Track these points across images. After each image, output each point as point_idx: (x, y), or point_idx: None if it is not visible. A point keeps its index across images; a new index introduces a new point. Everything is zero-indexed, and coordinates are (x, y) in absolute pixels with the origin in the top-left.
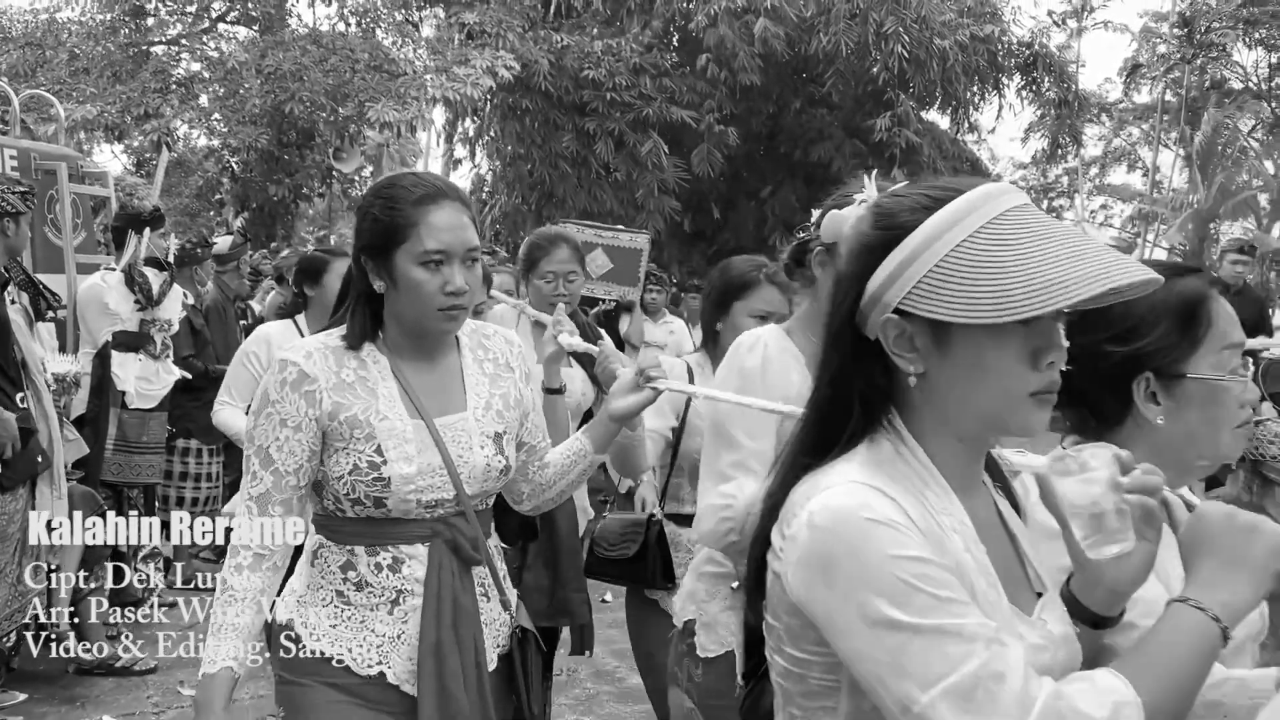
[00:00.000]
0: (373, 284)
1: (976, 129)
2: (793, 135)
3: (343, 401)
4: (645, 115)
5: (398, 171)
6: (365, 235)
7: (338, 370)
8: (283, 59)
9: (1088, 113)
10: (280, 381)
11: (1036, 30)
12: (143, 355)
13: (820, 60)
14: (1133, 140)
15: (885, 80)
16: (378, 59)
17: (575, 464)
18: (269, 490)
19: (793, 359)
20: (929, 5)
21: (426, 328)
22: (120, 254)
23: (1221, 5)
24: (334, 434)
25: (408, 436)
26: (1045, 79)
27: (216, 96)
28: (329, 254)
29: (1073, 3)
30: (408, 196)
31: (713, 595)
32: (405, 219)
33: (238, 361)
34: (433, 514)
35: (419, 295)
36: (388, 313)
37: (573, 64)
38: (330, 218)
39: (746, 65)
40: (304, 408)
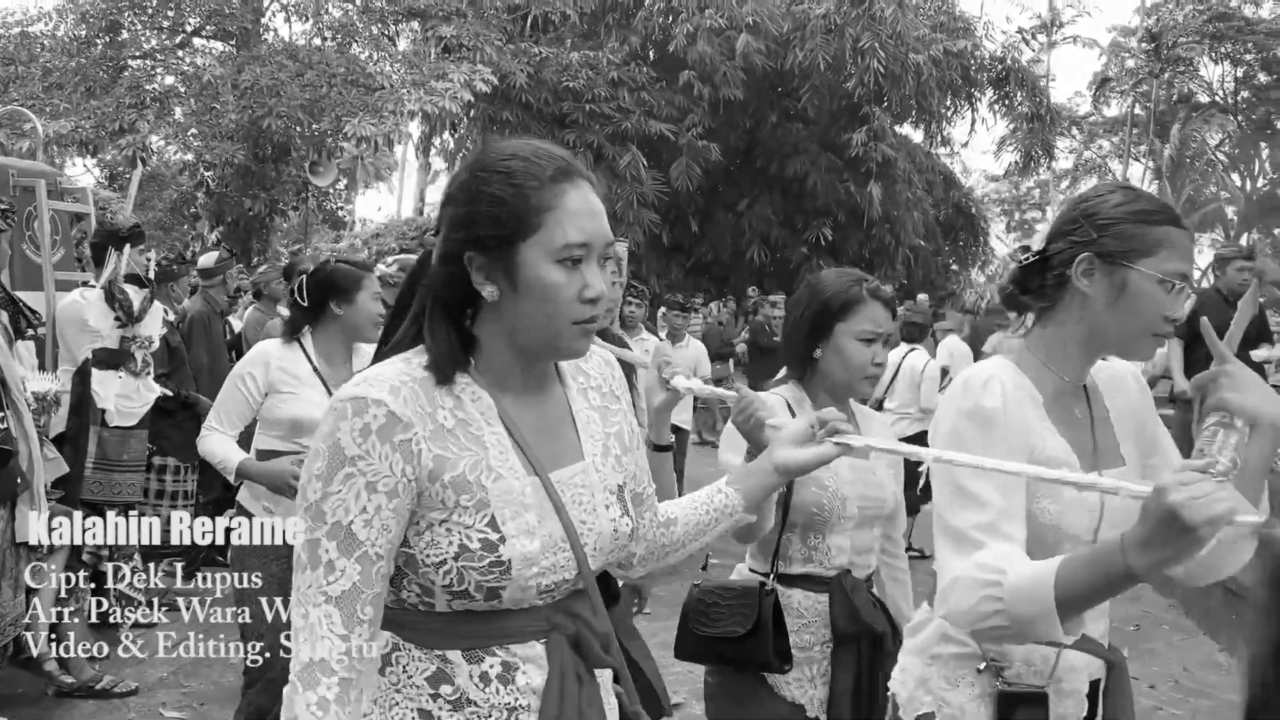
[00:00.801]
0: (480, 289)
1: (949, 143)
2: (769, 149)
3: (445, 455)
4: (624, 129)
5: (503, 140)
6: (482, 222)
7: (432, 411)
8: (259, 74)
9: (1059, 126)
10: (361, 429)
11: (1008, 45)
12: (123, 373)
13: (796, 75)
14: (1103, 153)
15: (861, 95)
16: (354, 73)
17: (715, 522)
18: (356, 586)
19: (1029, 399)
20: (904, 21)
21: (554, 347)
22: (100, 271)
23: (1188, 21)
24: (431, 501)
25: (526, 501)
26: (1018, 93)
27: (192, 111)
28: (360, 267)
29: (1042, 18)
30: (538, 171)
31: (955, 682)
32: (539, 201)
33: (231, 384)
34: (548, 599)
35: (551, 303)
36: (489, 329)
37: (551, 76)
38: (305, 232)
39: (730, 80)
40: (399, 465)
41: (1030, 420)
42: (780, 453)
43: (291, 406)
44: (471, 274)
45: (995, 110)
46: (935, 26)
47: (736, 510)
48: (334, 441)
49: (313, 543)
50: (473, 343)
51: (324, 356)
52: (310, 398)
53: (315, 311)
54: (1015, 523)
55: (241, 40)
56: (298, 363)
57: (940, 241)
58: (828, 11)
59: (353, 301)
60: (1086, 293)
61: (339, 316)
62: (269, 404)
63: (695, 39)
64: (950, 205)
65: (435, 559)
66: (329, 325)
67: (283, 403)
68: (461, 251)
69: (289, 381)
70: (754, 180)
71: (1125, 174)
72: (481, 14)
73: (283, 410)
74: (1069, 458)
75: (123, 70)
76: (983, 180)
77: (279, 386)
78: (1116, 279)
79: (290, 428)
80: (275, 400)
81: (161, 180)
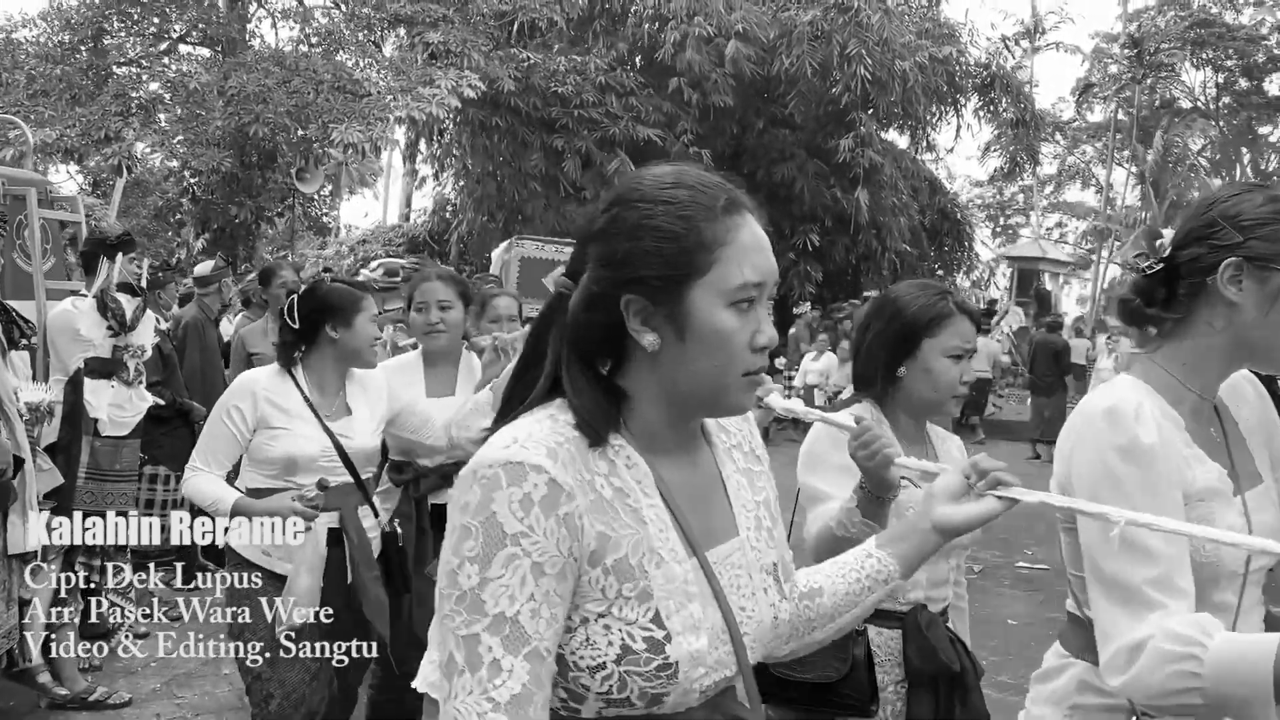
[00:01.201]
0: (638, 336)
1: (934, 148)
2: (756, 155)
3: (607, 533)
4: (612, 134)
5: (657, 166)
6: (645, 260)
7: (590, 479)
8: (246, 80)
9: (1043, 132)
10: (521, 501)
11: (992, 51)
12: (116, 382)
13: (783, 82)
14: (1086, 158)
15: (848, 101)
16: (341, 80)
17: (868, 591)
18: (527, 688)
19: (1173, 424)
20: (890, 28)
21: (719, 402)
22: (91, 279)
23: (1170, 27)
24: (589, 590)
25: (690, 590)
26: (1002, 99)
27: (178, 118)
28: (358, 287)
29: (1025, 24)
30: (709, 201)
31: None
32: (711, 236)
33: (216, 420)
34: (704, 698)
35: (723, 351)
36: (642, 382)
37: (540, 81)
38: (291, 239)
39: (720, 87)
40: (565, 542)
41: (1178, 448)
42: (939, 510)
43: (284, 443)
44: (628, 320)
45: (980, 116)
46: (921, 33)
47: (893, 577)
48: (489, 516)
49: (470, 639)
50: (619, 397)
51: (315, 385)
52: (304, 432)
53: (307, 335)
54: (1186, 573)
55: (227, 47)
56: (288, 393)
57: (926, 247)
58: (814, 18)
59: (350, 325)
60: (1235, 301)
61: (334, 341)
62: (259, 440)
63: (684, 46)
64: (936, 210)
65: (592, 662)
66: (323, 350)
67: (274, 439)
68: (617, 294)
69: (279, 415)
70: (741, 186)
71: (1109, 179)
72: (469, 20)
73: (275, 448)
74: (1223, 485)
75: (108, 77)
76: (967, 185)
77: (269, 421)
78: (1271, 285)
79: (284, 466)
80: (265, 436)
81: (145, 187)
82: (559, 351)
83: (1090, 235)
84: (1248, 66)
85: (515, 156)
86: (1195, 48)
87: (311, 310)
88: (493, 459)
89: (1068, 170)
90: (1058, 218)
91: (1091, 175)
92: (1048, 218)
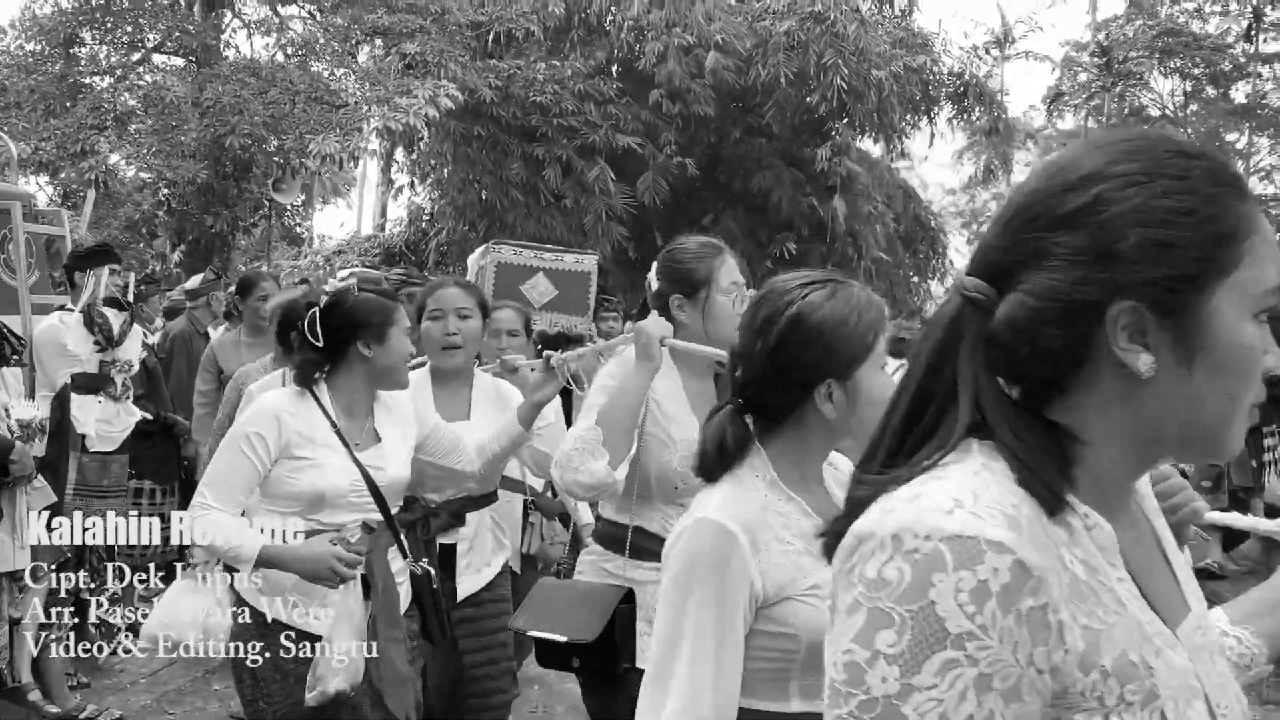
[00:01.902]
0: (1128, 359)
1: (908, 156)
2: (732, 165)
3: (1094, 626)
4: (592, 142)
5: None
6: (1167, 255)
7: (1060, 556)
8: (222, 91)
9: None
10: (974, 592)
11: (965, 60)
12: (103, 397)
13: (759, 91)
14: None
15: (825, 110)
16: (318, 90)
17: None
18: None
19: None
20: (866, 37)
21: (1217, 446)
22: (76, 294)
23: (1139, 36)
24: (1079, 699)
25: (1194, 685)
26: (976, 108)
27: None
28: (388, 296)
29: (995, 33)
30: (1224, 175)
31: None
32: (1238, 221)
33: (231, 450)
34: None
35: (1245, 378)
36: (1103, 420)
37: (519, 90)
38: (268, 249)
39: (700, 98)
40: (1026, 648)
41: None
42: None
43: (310, 476)
44: (1112, 336)
45: (954, 125)
46: (895, 43)
47: (1257, 662)
48: (925, 605)
49: None
50: (1063, 439)
51: (343, 409)
52: (332, 463)
53: (333, 353)
54: None
55: (202, 56)
56: (312, 419)
57: (901, 254)
58: (790, 29)
59: (383, 340)
60: None
61: (366, 359)
62: (279, 472)
63: (666, 58)
64: (910, 218)
65: None
66: (352, 370)
67: (297, 471)
68: (1105, 302)
69: (304, 444)
70: (718, 195)
71: None
72: (445, 30)
73: (298, 481)
74: None
75: (81, 88)
76: (940, 193)
77: (293, 450)
78: None
79: (309, 502)
80: (288, 468)
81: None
82: (974, 378)
83: None
84: (1214, 75)
85: (496, 165)
86: (1163, 56)
87: (339, 325)
88: (930, 528)
89: None
90: None
91: None
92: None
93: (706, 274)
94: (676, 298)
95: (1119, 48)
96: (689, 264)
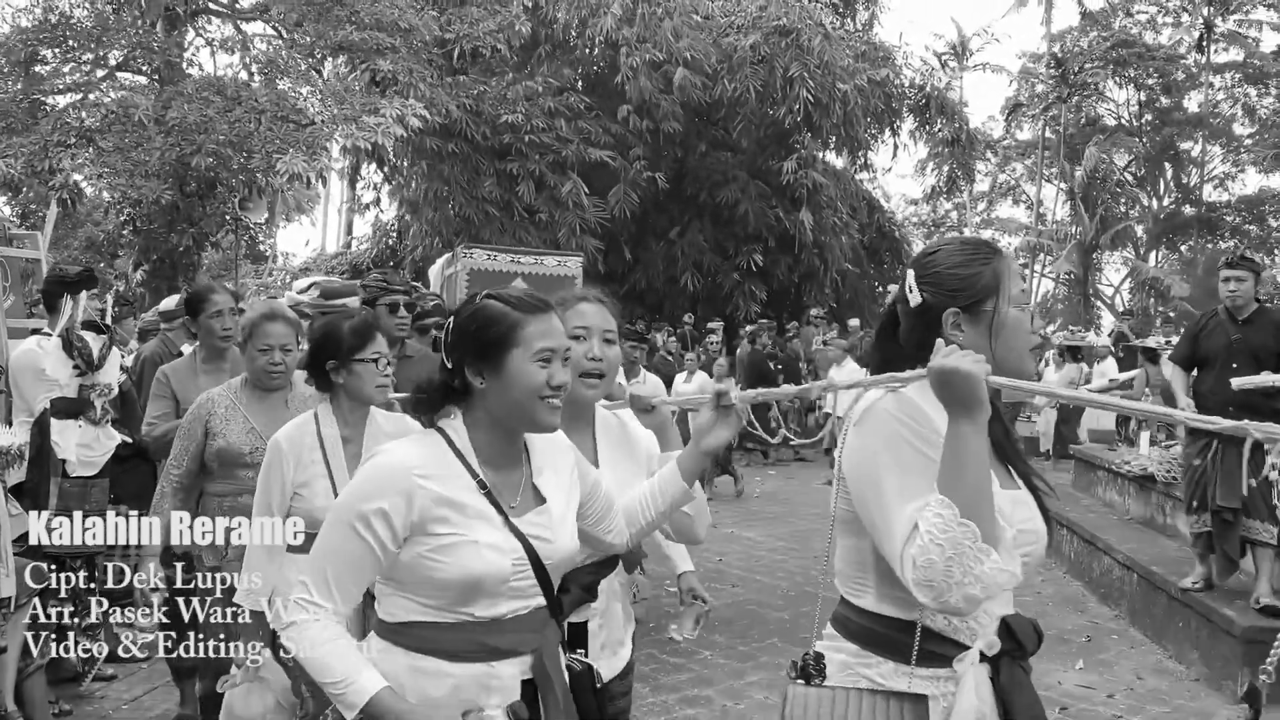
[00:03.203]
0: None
1: (871, 168)
2: (699, 177)
3: None
4: (564, 156)
5: None
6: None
7: None
8: (187, 110)
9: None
10: None
11: (926, 73)
12: (83, 421)
13: (724, 105)
14: (1017, 175)
15: (791, 123)
16: (284, 109)
17: None
18: None
19: None
20: (831, 51)
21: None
22: (54, 318)
23: (1093, 47)
24: None
25: None
26: (938, 119)
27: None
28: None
29: (953, 46)
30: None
31: None
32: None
33: (343, 527)
34: None
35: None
36: None
37: (489, 108)
38: (235, 267)
39: (669, 114)
40: None
41: None
42: None
43: (462, 558)
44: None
45: (915, 136)
46: (857, 56)
47: None
48: None
49: None
50: None
51: (487, 462)
52: (488, 538)
53: (460, 392)
54: None
55: (165, 75)
56: (454, 478)
57: (866, 265)
58: (756, 43)
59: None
60: None
61: (485, 393)
62: (414, 554)
63: (638, 74)
64: (874, 229)
65: None
66: (489, 407)
67: (443, 553)
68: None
69: (450, 514)
70: (685, 208)
71: (1039, 195)
72: (411, 47)
73: (447, 566)
74: None
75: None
76: (902, 204)
77: (433, 524)
78: None
79: (459, 593)
80: (427, 548)
81: (75, 219)
82: None
83: (1023, 250)
84: (1168, 84)
85: (470, 183)
86: (1117, 67)
87: (482, 344)
88: None
89: (999, 187)
90: (991, 234)
91: (1022, 192)
92: (981, 234)
93: (993, 281)
94: (952, 312)
95: (1074, 59)
96: (970, 268)
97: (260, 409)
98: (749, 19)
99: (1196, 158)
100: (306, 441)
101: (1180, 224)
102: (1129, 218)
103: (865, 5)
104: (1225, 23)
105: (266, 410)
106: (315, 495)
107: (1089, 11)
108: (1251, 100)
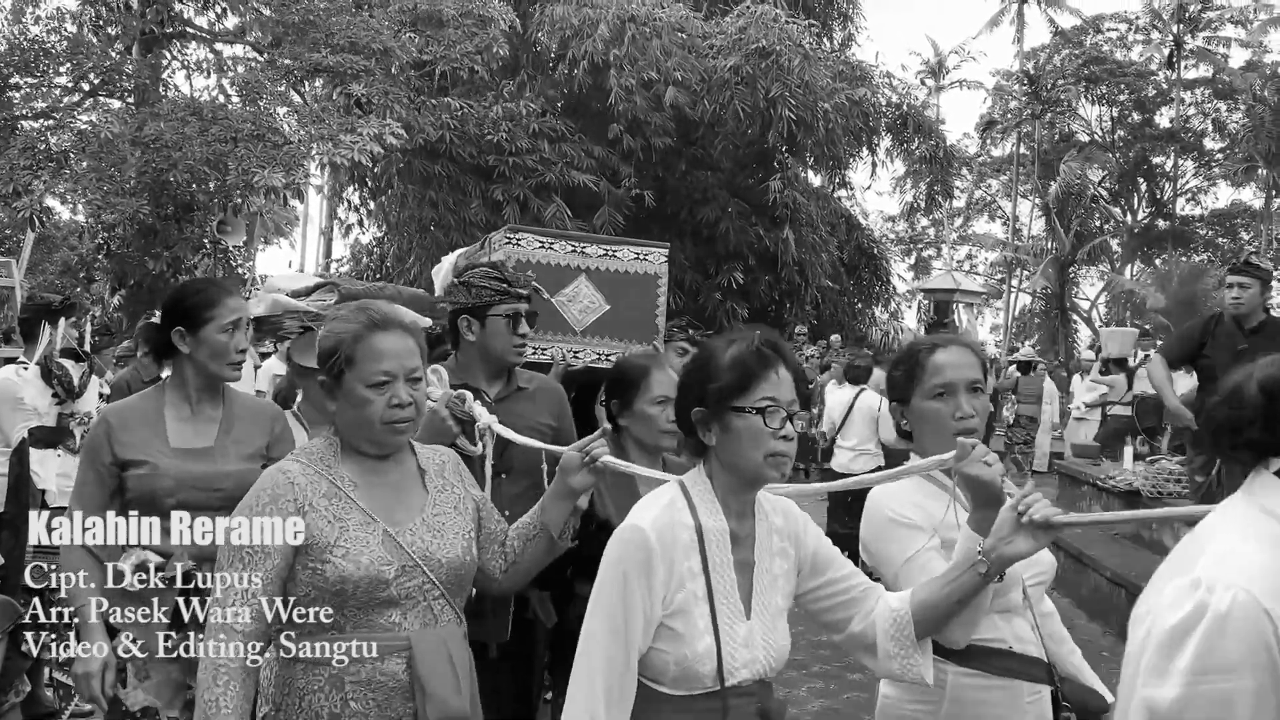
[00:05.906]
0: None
1: (849, 185)
2: (679, 196)
3: None
4: (548, 180)
5: None
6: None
7: None
8: (162, 129)
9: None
10: None
11: (903, 92)
12: (62, 450)
13: (703, 125)
14: (993, 191)
15: (773, 143)
16: (260, 128)
17: None
18: None
19: None
20: (811, 70)
21: None
22: (32, 347)
23: (1065, 64)
24: None
25: None
26: (915, 137)
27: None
28: None
29: (929, 63)
30: None
31: None
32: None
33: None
34: None
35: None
36: None
37: (473, 129)
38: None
39: (660, 129)
40: None
41: None
42: None
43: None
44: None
45: (893, 154)
46: (835, 75)
47: None
48: None
49: None
50: None
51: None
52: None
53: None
54: None
55: (139, 97)
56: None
57: (845, 282)
58: (737, 64)
59: None
60: None
61: None
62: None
63: (632, 92)
64: (853, 246)
65: None
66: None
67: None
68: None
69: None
70: (665, 227)
71: (1014, 210)
72: (387, 70)
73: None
74: None
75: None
76: (880, 220)
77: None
78: None
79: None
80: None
81: (51, 243)
82: None
83: (999, 265)
84: (1139, 101)
85: (457, 205)
86: (1089, 84)
87: None
88: None
89: (975, 204)
90: (967, 250)
91: (998, 208)
92: (958, 250)
93: None
94: None
95: (1047, 76)
96: None
97: (381, 491)
98: (729, 40)
99: (1169, 172)
100: None
101: (1154, 238)
102: (1104, 232)
103: (842, 25)
104: (1194, 39)
105: (389, 489)
106: None
107: (1061, 30)
108: (1221, 115)
